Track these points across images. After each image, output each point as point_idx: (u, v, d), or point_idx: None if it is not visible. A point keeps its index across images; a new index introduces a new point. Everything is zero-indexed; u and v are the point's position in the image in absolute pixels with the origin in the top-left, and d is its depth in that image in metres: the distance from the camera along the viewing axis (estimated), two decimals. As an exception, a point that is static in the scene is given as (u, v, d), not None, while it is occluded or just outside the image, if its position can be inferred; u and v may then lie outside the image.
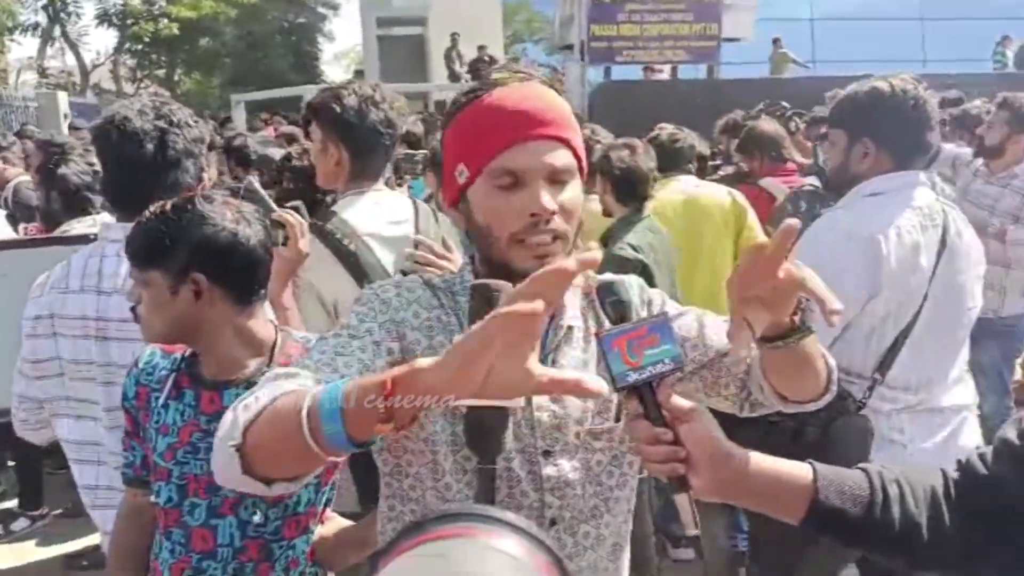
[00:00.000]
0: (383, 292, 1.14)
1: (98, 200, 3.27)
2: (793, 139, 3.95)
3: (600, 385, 0.76)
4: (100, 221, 3.09)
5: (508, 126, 1.06)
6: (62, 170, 3.20)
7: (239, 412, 0.90)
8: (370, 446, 0.85)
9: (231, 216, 1.39)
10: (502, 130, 1.06)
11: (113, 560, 1.56)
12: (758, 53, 13.38)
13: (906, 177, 1.97)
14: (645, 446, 0.94)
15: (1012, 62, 13.16)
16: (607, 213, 2.98)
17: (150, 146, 1.71)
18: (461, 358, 0.74)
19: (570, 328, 1.15)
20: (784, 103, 3.95)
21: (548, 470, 1.10)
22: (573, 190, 1.08)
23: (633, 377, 0.92)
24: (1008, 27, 13.96)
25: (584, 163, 1.12)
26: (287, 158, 3.04)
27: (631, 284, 1.18)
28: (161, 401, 1.42)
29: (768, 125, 3.46)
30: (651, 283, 1.49)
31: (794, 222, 0.88)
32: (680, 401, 0.94)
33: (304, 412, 0.82)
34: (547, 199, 1.04)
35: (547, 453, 1.10)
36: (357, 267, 1.92)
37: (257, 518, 1.37)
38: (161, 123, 1.74)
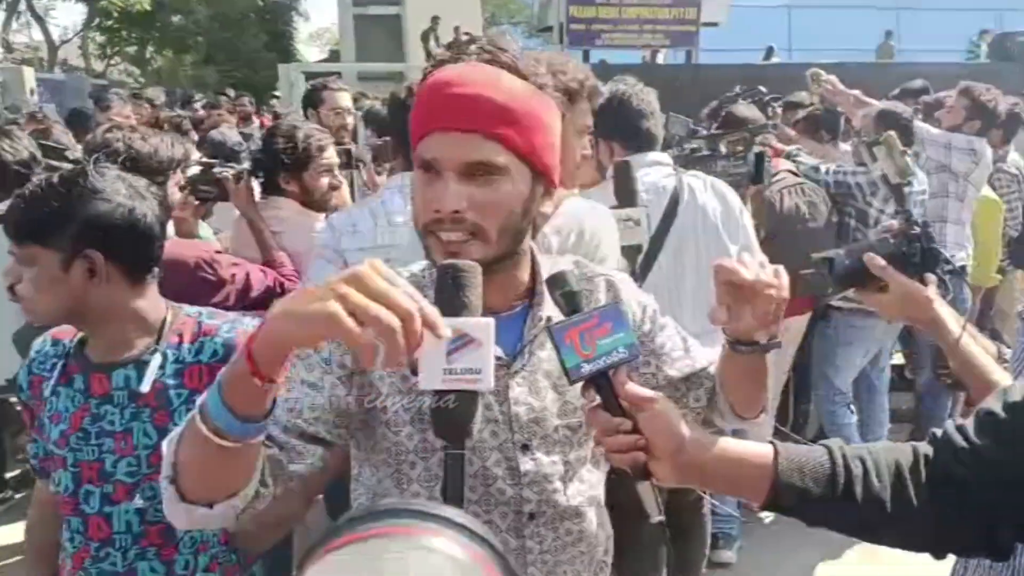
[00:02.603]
0: None
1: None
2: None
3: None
4: None
5: (431, 113, 1.00)
6: None
7: (166, 445, 0.92)
8: (264, 420, 0.85)
9: (125, 191, 1.33)
10: (427, 116, 1.01)
11: (28, 555, 1.54)
12: (736, 40, 13.41)
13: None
14: (605, 437, 0.93)
15: (984, 54, 13.32)
16: None
17: None
18: (301, 298, 0.75)
19: (550, 319, 1.08)
20: (762, 88, 3.98)
21: (526, 465, 1.09)
22: (499, 187, 0.99)
23: (587, 368, 0.91)
24: (982, 19, 14.11)
25: (540, 162, 1.03)
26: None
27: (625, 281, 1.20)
28: (50, 389, 1.37)
29: (745, 109, 3.46)
30: None
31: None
32: (637, 389, 0.93)
33: (196, 410, 0.85)
34: (451, 196, 0.97)
35: (525, 448, 1.09)
36: None
37: (142, 503, 1.33)
38: None
